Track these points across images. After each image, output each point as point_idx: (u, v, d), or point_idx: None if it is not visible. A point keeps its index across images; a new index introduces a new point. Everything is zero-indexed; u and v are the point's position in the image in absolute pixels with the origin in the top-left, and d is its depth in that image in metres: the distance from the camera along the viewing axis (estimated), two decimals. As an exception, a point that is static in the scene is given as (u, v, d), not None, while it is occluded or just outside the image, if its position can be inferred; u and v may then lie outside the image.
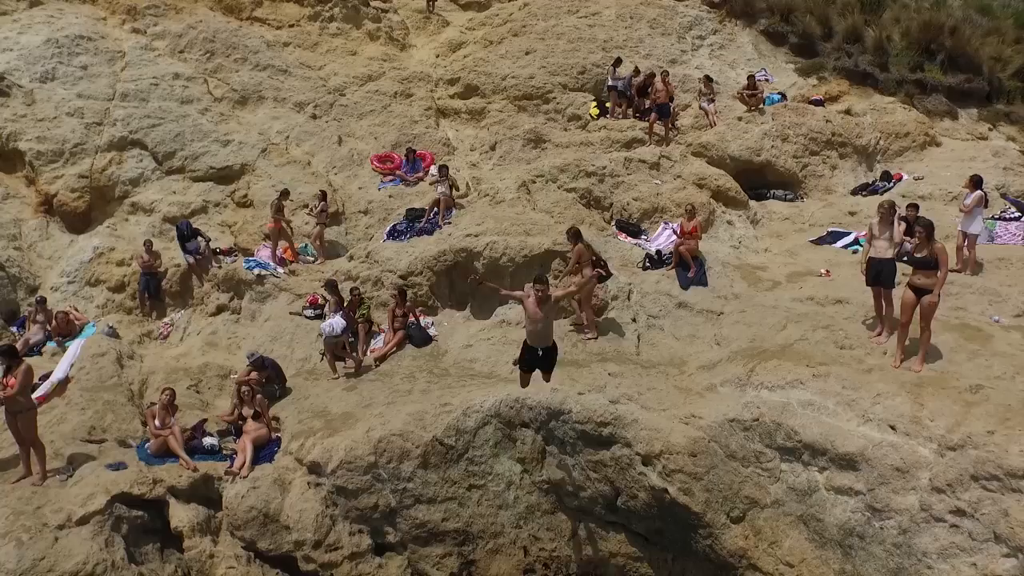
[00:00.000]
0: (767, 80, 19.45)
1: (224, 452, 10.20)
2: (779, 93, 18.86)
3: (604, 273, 11.87)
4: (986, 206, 12.31)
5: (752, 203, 16.33)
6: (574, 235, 11.67)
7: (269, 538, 9.33)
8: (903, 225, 10.77)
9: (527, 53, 19.96)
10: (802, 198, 16.94)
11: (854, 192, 16.67)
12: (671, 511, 9.66)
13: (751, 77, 18.08)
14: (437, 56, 21.44)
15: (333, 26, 21.35)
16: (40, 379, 11.19)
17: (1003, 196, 15.10)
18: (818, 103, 18.59)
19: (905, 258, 10.18)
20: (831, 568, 8.80)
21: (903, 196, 15.02)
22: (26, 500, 8.69)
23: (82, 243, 15.40)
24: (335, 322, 11.80)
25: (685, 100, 18.74)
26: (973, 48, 19.45)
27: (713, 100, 18.15)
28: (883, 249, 9.97)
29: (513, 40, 20.63)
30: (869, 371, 9.53)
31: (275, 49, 20.20)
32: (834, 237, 14.69)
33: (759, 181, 17.16)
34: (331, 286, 12.50)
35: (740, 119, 17.56)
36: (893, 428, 8.60)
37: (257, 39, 20.18)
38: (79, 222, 15.97)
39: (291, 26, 21.14)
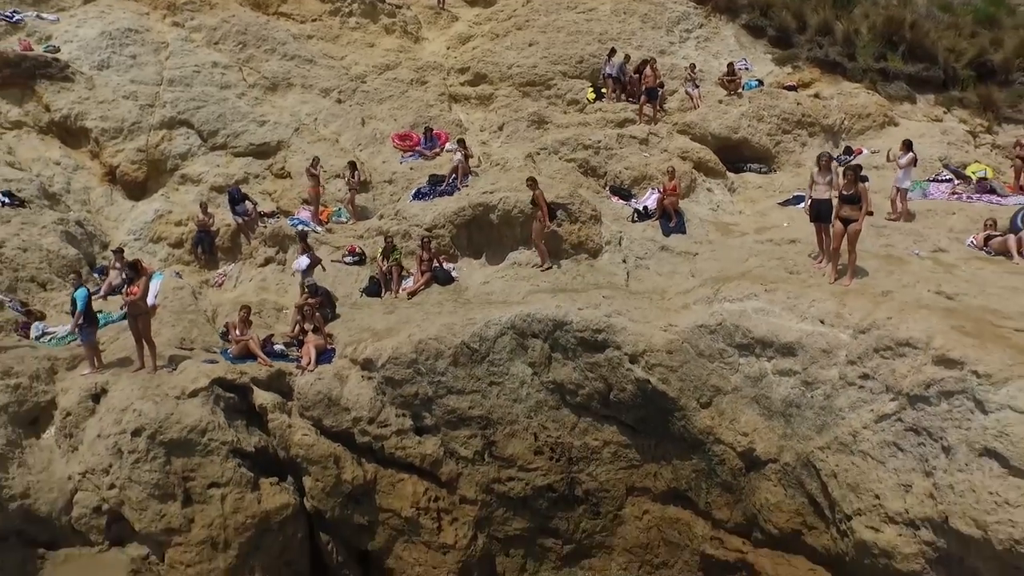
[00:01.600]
0: (746, 69, 22.59)
1: (290, 356, 13.16)
2: (757, 80, 22.00)
3: (555, 215, 15.30)
4: (915, 165, 15.37)
5: (730, 174, 19.44)
6: (532, 183, 14.93)
7: (332, 417, 12.30)
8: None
9: (530, 45, 23.06)
10: (775, 171, 20.05)
11: (820, 164, 19.74)
12: (653, 399, 12.64)
13: (730, 65, 21.27)
14: (448, 48, 24.55)
15: (352, 20, 24.46)
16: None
17: (945, 166, 18.23)
18: (791, 89, 21.73)
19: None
20: (776, 433, 11.81)
21: (860, 166, 18.15)
22: (148, 380, 11.67)
23: (143, 207, 18.41)
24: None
25: (672, 87, 21.83)
26: (931, 41, 22.61)
27: (697, 86, 21.28)
28: (822, 191, 13.02)
29: (517, 33, 23.73)
30: (809, 286, 12.57)
31: (300, 41, 23.27)
32: (798, 200, 17.68)
33: (737, 156, 20.26)
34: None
35: (720, 102, 20.71)
36: (822, 322, 11.61)
37: (284, 32, 23.26)
38: (137, 190, 18.97)
39: (314, 20, 24.23)
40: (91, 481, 10.81)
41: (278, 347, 13.24)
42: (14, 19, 20.90)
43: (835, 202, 12.76)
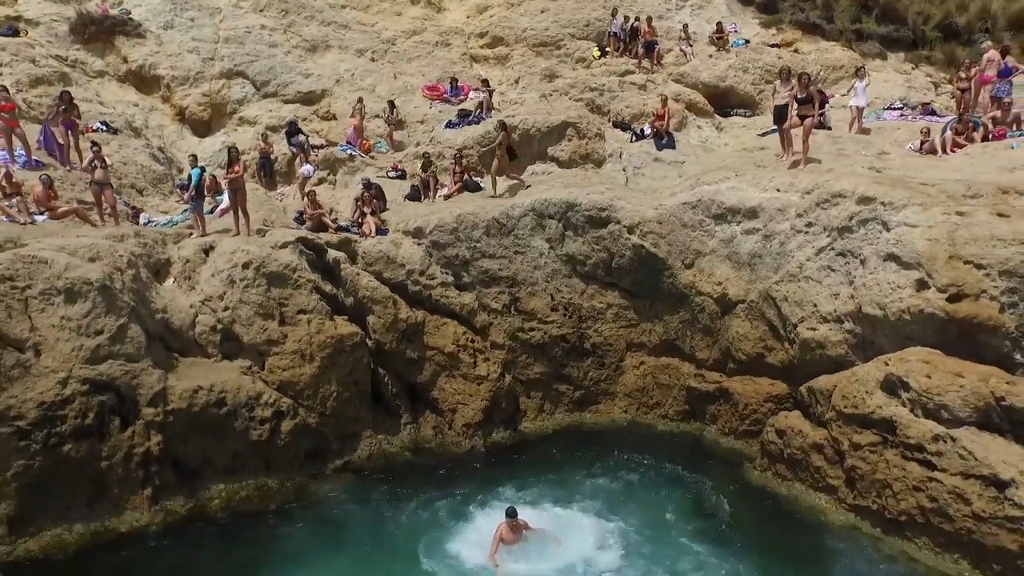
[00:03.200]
0: (735, 31, 26.78)
1: (353, 231, 17.16)
2: (744, 40, 26.17)
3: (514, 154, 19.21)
4: (867, 85, 19.42)
5: (717, 116, 23.52)
6: (501, 125, 18.97)
7: (390, 271, 16.27)
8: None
9: (542, 11, 27.34)
10: (758, 115, 24.09)
11: (798, 108, 23.82)
12: (647, 262, 16.57)
13: (719, 24, 25.50)
14: (467, 17, 28.83)
15: (381, -8, 28.82)
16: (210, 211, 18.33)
17: (904, 104, 22.31)
18: (775, 47, 25.88)
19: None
20: (743, 280, 15.75)
21: (831, 106, 22.24)
22: (245, 237, 15.66)
23: (209, 142, 22.57)
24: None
25: (667, 46, 26.00)
26: (902, 5, 26.87)
27: (691, 44, 25.46)
28: (782, 98, 17.08)
29: (530, 3, 28.01)
30: (771, 171, 16.59)
31: (336, 10, 27.57)
32: (774, 131, 21.75)
33: (725, 103, 24.33)
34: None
35: (711, 56, 24.87)
36: (778, 190, 15.61)
37: (321, 1, 27.58)
38: (202, 129, 23.14)
39: (347, -8, 28.60)
40: (208, 306, 14.73)
41: (343, 223, 17.27)
42: (90, -14, 25.20)
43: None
